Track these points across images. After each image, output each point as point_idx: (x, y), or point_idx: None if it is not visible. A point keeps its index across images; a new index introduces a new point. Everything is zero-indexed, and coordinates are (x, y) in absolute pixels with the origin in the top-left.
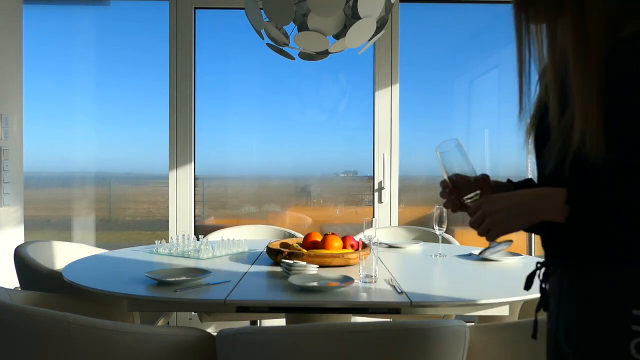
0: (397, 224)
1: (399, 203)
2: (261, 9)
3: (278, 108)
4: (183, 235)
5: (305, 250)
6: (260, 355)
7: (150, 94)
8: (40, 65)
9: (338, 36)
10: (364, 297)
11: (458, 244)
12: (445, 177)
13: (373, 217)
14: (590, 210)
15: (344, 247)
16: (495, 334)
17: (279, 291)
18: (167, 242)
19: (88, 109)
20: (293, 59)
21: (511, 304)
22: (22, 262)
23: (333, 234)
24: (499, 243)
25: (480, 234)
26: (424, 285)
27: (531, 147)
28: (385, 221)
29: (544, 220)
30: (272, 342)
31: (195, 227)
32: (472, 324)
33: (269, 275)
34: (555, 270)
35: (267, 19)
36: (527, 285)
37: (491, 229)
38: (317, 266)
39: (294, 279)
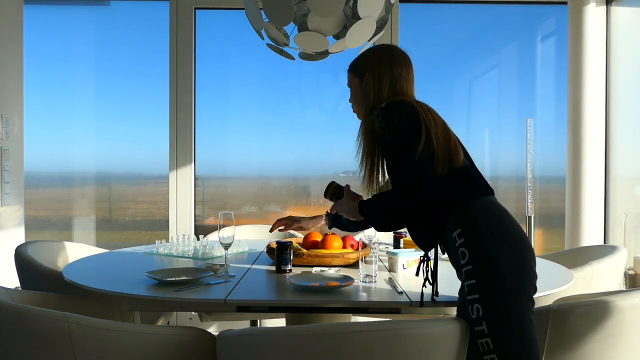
0: None
1: None
2: (261, 9)
3: (278, 108)
4: (183, 235)
5: (305, 250)
6: (260, 355)
7: (150, 94)
8: (40, 65)
9: (338, 36)
10: (364, 297)
11: None
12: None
13: None
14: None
15: (344, 247)
16: None
17: (279, 291)
18: (167, 242)
19: (88, 109)
20: (293, 59)
21: None
22: (23, 262)
23: (333, 234)
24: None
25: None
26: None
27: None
28: None
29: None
30: (272, 343)
31: (195, 227)
32: None
33: (269, 275)
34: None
35: (267, 19)
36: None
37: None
38: None
39: (294, 279)
